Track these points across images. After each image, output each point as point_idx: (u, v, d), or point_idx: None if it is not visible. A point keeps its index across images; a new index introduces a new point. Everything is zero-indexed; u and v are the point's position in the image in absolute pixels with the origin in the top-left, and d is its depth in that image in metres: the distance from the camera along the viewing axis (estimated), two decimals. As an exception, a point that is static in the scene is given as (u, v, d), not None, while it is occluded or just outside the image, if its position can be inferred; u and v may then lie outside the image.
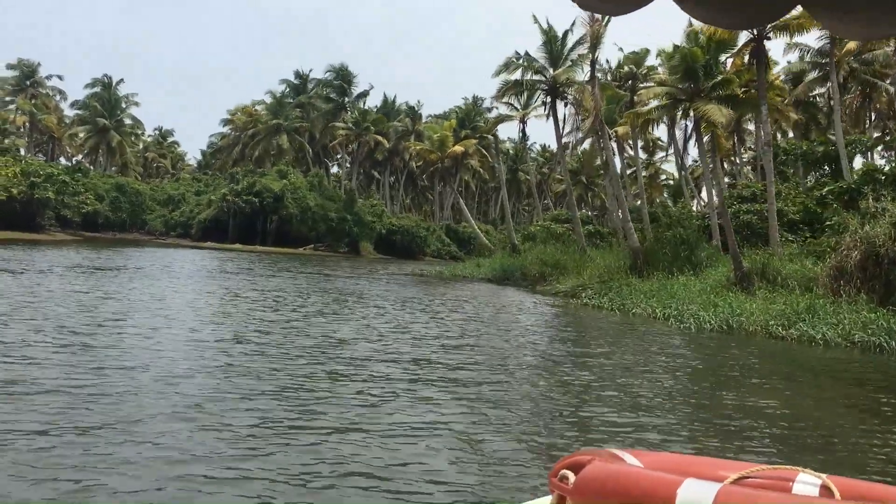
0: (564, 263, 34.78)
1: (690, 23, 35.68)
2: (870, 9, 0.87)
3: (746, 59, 32.95)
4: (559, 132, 40.24)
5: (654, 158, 68.68)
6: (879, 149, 43.54)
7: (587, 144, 51.30)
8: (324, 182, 72.41)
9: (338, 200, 68.67)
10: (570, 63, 37.93)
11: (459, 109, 79.81)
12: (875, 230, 19.29)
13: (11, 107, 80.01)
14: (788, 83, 45.35)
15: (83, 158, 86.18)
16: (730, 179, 54.38)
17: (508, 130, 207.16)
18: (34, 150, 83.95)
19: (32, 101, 79.37)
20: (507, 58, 39.33)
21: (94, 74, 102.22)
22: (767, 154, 29.75)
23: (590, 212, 73.00)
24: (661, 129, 52.21)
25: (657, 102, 35.13)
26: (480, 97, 79.73)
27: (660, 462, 1.59)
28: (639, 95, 39.13)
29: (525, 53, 38.94)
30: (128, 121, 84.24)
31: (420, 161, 72.57)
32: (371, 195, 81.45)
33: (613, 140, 42.91)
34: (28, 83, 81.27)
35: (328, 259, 55.05)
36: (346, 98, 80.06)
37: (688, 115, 35.94)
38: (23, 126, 78.74)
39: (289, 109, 79.93)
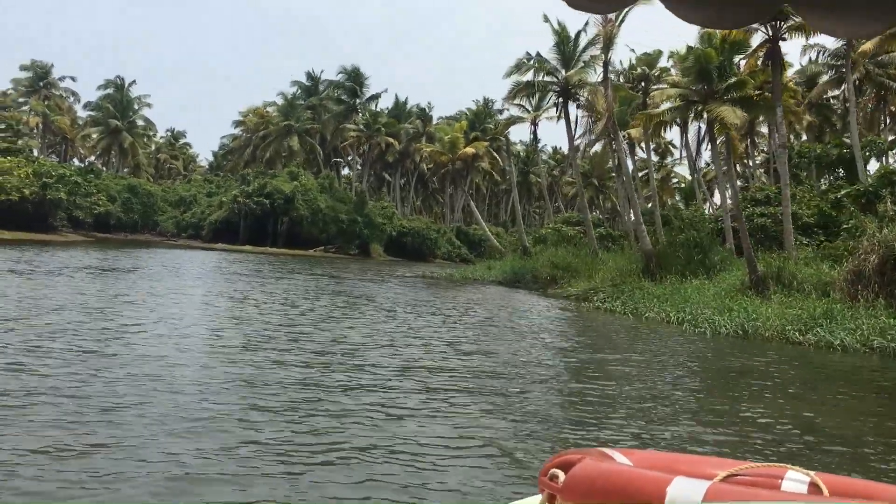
0: (576, 266, 34.57)
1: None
2: (853, 7, 0.84)
3: (760, 61, 32.67)
4: (571, 134, 40.02)
5: (666, 161, 68.28)
6: (894, 151, 43.09)
7: (599, 146, 51.03)
8: (334, 184, 72.34)
9: (348, 202, 68.59)
10: (583, 64, 37.69)
11: (470, 111, 79.65)
12: (894, 233, 19.01)
13: (25, 108, 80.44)
14: (802, 86, 44.95)
15: (96, 159, 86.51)
16: (742, 182, 53.96)
17: (519, 133, 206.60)
18: (47, 152, 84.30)
19: (46, 103, 79.73)
20: (518, 59, 39.13)
21: (107, 76, 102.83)
22: (782, 156, 29.44)
23: (601, 214, 72.64)
24: (673, 132, 51.96)
25: (670, 104, 34.90)
26: (491, 99, 79.58)
27: (649, 460, 1.60)
28: (651, 97, 38.82)
29: (536, 54, 38.74)
30: (140, 122, 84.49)
31: (431, 163, 72.43)
32: (382, 197, 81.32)
33: (625, 142, 42.63)
34: (41, 84, 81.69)
35: (338, 261, 54.99)
36: (358, 100, 79.96)
37: (701, 117, 35.66)
38: (36, 127, 79.05)
39: (300, 111, 79.91)
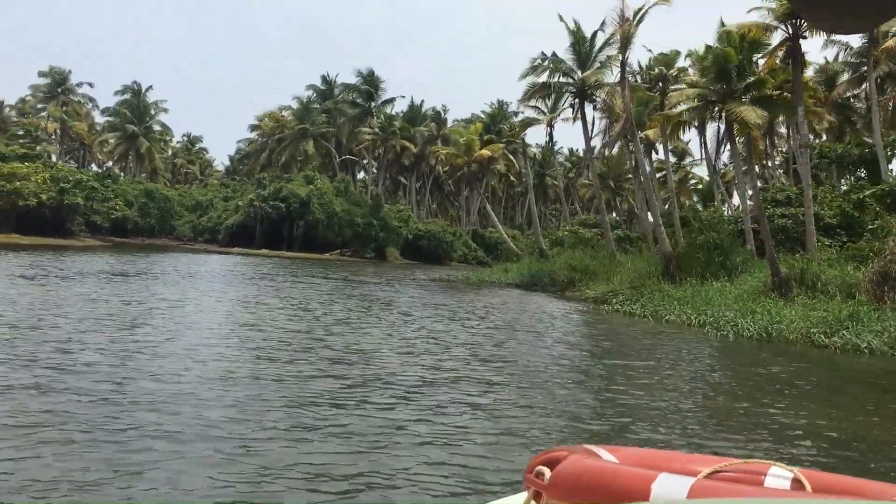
0: (594, 269, 34.19)
1: (723, 23, 35.01)
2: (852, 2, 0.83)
3: (779, 60, 32.19)
4: (588, 135, 39.67)
5: (684, 162, 67.67)
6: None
7: (615, 148, 50.61)
8: (350, 187, 72.24)
9: (364, 206, 68.49)
10: (599, 65, 37.30)
11: (485, 114, 79.37)
12: (922, 234, 18.57)
13: (43, 114, 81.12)
14: (822, 85, 44.31)
15: (113, 165, 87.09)
16: (761, 183, 53.27)
17: (535, 135, 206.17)
18: (66, 157, 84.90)
19: (63, 109, 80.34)
20: (533, 59, 38.73)
21: (124, 81, 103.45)
22: (804, 156, 28.96)
23: (618, 216, 72.12)
24: (691, 132, 51.35)
25: (688, 104, 34.46)
26: (506, 101, 79.29)
27: (634, 457, 1.60)
28: (669, 97, 38.36)
29: (552, 54, 38.31)
30: (157, 127, 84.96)
31: (446, 166, 72.19)
32: (397, 200, 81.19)
33: (643, 143, 42.18)
34: (59, 90, 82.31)
35: (354, 264, 54.82)
36: (373, 103, 79.88)
37: (720, 118, 35.21)
38: (54, 133, 79.70)
39: (315, 115, 79.96)
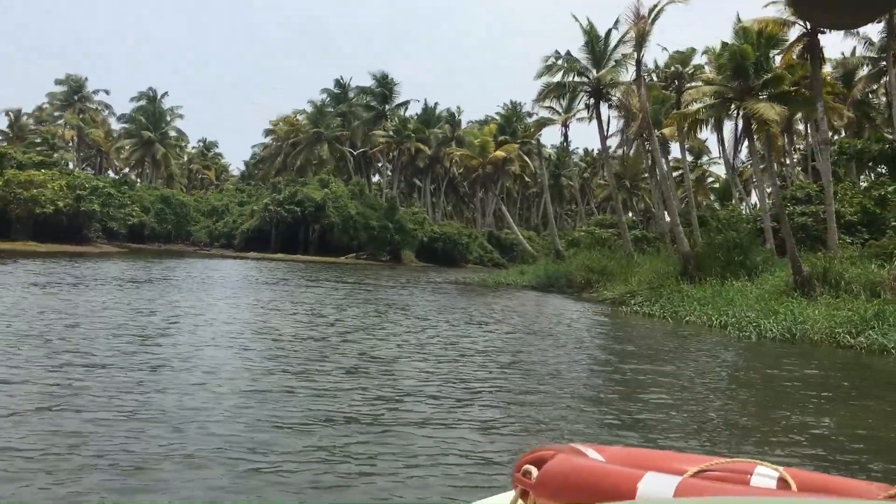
0: (611, 269, 33.84)
1: (739, 18, 34.60)
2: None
3: (796, 55, 31.79)
4: (603, 135, 39.33)
5: (701, 160, 67.08)
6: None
7: (631, 147, 50.20)
8: (365, 190, 72.20)
9: (379, 208, 68.42)
10: (614, 63, 36.96)
11: (499, 115, 79.13)
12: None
13: (60, 122, 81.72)
14: (839, 81, 43.70)
15: (130, 171, 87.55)
16: (780, 181, 52.63)
17: (549, 136, 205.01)
18: (83, 164, 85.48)
19: (80, 116, 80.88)
20: (546, 57, 38.40)
21: (140, 87, 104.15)
22: (825, 152, 28.50)
23: (634, 216, 71.58)
24: (707, 131, 50.82)
25: (705, 102, 34.07)
26: (519, 102, 79.09)
27: (621, 456, 1.60)
28: (686, 95, 37.97)
29: (566, 53, 37.99)
30: (172, 133, 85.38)
31: (461, 168, 72.00)
32: (412, 203, 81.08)
33: (659, 142, 41.78)
34: (76, 98, 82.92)
35: (370, 268, 54.74)
36: (387, 106, 79.81)
37: (737, 115, 34.79)
38: (71, 140, 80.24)
39: (329, 118, 80.00)
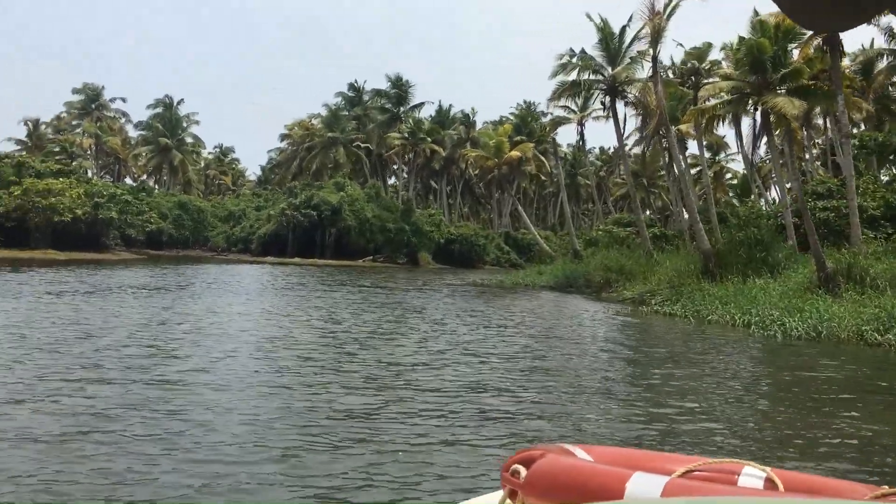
0: (630, 269, 33.49)
1: (756, 12, 34.16)
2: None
3: (813, 48, 31.31)
4: (620, 132, 38.95)
5: (719, 157, 66.42)
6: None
7: (650, 145, 49.70)
8: (381, 193, 72.14)
9: (395, 211, 68.32)
10: (629, 60, 36.63)
11: (514, 115, 78.82)
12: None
13: (78, 130, 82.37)
14: (858, 74, 43.05)
15: (147, 178, 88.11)
16: (800, 176, 51.94)
17: (564, 135, 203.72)
18: (101, 172, 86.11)
19: (98, 124, 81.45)
20: (560, 55, 38.07)
21: (156, 95, 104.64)
22: (846, 146, 27.98)
23: (652, 214, 70.99)
24: (726, 126, 50.26)
25: (722, 97, 33.65)
26: (534, 101, 78.82)
27: (610, 456, 1.60)
28: (703, 91, 37.51)
29: (581, 51, 37.69)
30: (189, 139, 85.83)
31: (477, 169, 71.76)
32: (429, 205, 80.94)
33: (676, 139, 41.32)
34: (93, 106, 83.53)
35: (387, 270, 54.63)
36: (402, 108, 79.70)
37: (756, 110, 34.35)
38: (89, 149, 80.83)
39: (344, 122, 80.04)
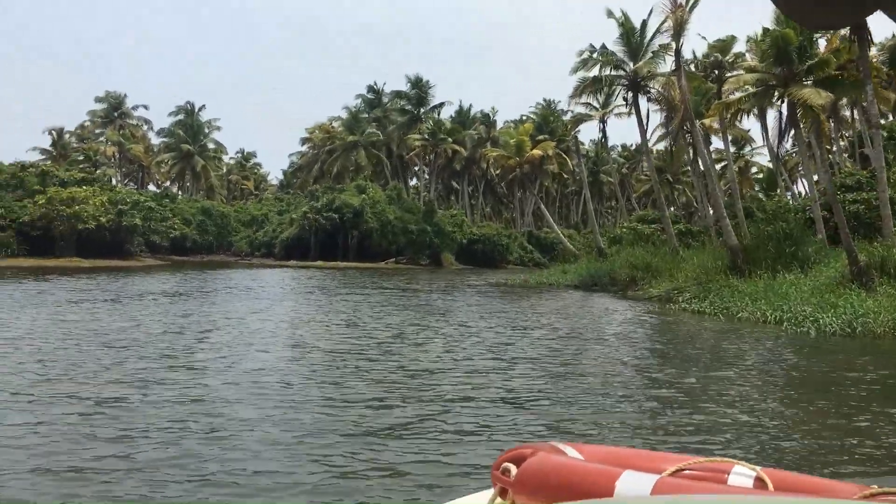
0: (656, 266, 32.99)
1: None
2: None
3: (838, 38, 30.72)
4: (643, 128, 38.41)
5: (743, 151, 65.52)
6: None
7: (672, 140, 49.07)
8: (402, 194, 72.03)
9: (417, 212, 68.18)
10: (651, 55, 36.12)
11: (535, 113, 78.35)
12: None
13: (102, 139, 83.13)
14: (885, 64, 42.15)
15: (171, 184, 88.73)
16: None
17: (586, 132, 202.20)
18: (125, 180, 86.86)
19: (121, 132, 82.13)
20: (581, 51, 37.62)
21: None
22: (876, 137, 27.32)
23: (676, 210, 70.22)
24: (750, 120, 49.59)
25: (747, 90, 33.09)
26: (554, 100, 78.32)
27: (600, 455, 1.59)
28: (727, 84, 36.92)
29: (601, 47, 37.23)
30: (211, 145, 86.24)
31: (498, 168, 71.44)
32: (450, 205, 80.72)
33: (701, 133, 40.72)
34: (116, 114, 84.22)
35: (409, 272, 54.44)
36: (422, 108, 79.49)
37: (782, 102, 33.72)
38: (113, 156, 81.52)
39: (365, 124, 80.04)
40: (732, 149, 52.78)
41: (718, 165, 53.03)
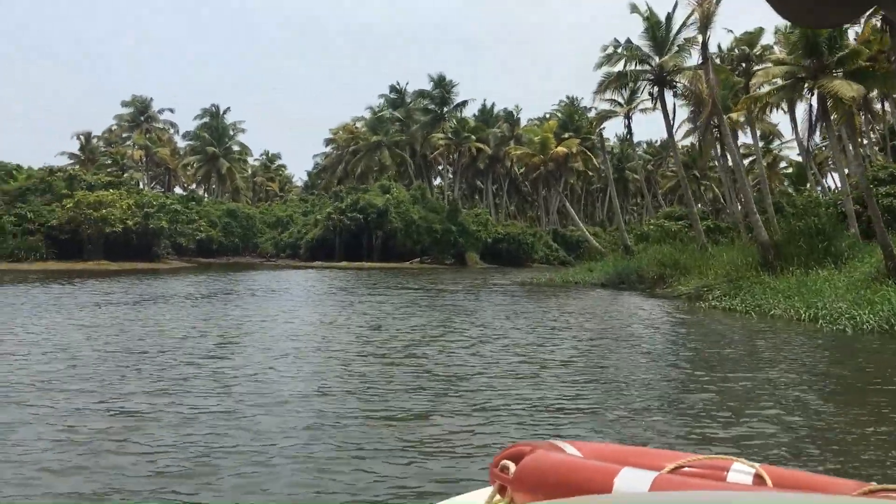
0: (685, 263, 32.53)
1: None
2: None
3: (867, 29, 30.02)
4: (669, 123, 37.90)
5: (772, 145, 64.58)
6: None
7: (702, 135, 48.43)
8: (426, 194, 71.91)
9: (441, 212, 68.02)
10: (677, 49, 35.61)
11: (559, 111, 77.87)
12: None
13: (129, 143, 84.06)
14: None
15: (197, 187, 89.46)
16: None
17: (611, 129, 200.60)
18: (152, 183, 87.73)
19: (147, 136, 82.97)
20: (605, 46, 37.24)
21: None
22: (911, 129, 26.67)
23: (703, 206, 69.37)
24: (778, 114, 48.75)
25: (776, 83, 32.49)
26: (577, 97, 77.78)
27: (599, 452, 1.60)
28: (756, 77, 36.28)
29: (626, 41, 36.81)
30: (236, 147, 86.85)
31: (522, 166, 71.05)
32: (475, 204, 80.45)
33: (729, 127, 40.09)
34: (142, 118, 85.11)
35: (434, 272, 54.26)
36: (445, 108, 79.27)
37: (812, 95, 33.08)
38: (140, 160, 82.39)
39: (388, 124, 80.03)
40: (760, 143, 52.02)
41: (746, 160, 52.25)
